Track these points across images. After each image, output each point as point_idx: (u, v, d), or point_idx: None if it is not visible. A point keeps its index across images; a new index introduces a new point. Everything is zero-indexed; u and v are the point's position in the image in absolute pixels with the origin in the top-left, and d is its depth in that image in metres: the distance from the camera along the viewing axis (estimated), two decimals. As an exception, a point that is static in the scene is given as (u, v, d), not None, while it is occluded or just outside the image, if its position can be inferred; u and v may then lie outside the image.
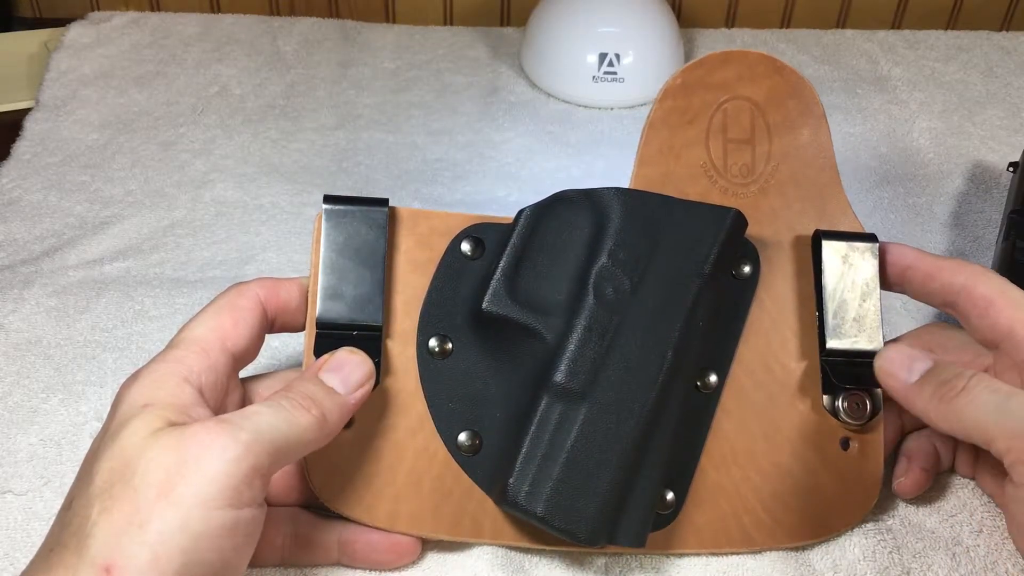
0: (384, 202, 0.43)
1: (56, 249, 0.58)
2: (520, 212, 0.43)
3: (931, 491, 0.46)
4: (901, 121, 0.73)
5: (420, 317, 0.43)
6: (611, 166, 0.68)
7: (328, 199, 0.43)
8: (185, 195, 0.63)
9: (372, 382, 0.40)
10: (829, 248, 0.46)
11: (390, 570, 0.42)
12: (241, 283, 0.41)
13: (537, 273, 0.42)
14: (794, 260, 0.46)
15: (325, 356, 0.39)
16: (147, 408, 0.35)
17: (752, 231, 0.45)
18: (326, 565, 0.42)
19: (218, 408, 0.38)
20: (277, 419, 0.35)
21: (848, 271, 0.45)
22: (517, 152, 0.69)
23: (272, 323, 0.42)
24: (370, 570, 0.42)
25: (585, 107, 0.74)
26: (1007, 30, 0.86)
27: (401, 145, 0.69)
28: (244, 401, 0.41)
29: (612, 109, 0.74)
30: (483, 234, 0.44)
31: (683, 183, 0.46)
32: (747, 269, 0.46)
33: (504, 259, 0.42)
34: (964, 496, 0.46)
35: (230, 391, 0.39)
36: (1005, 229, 0.59)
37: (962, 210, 0.65)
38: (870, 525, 0.45)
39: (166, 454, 0.33)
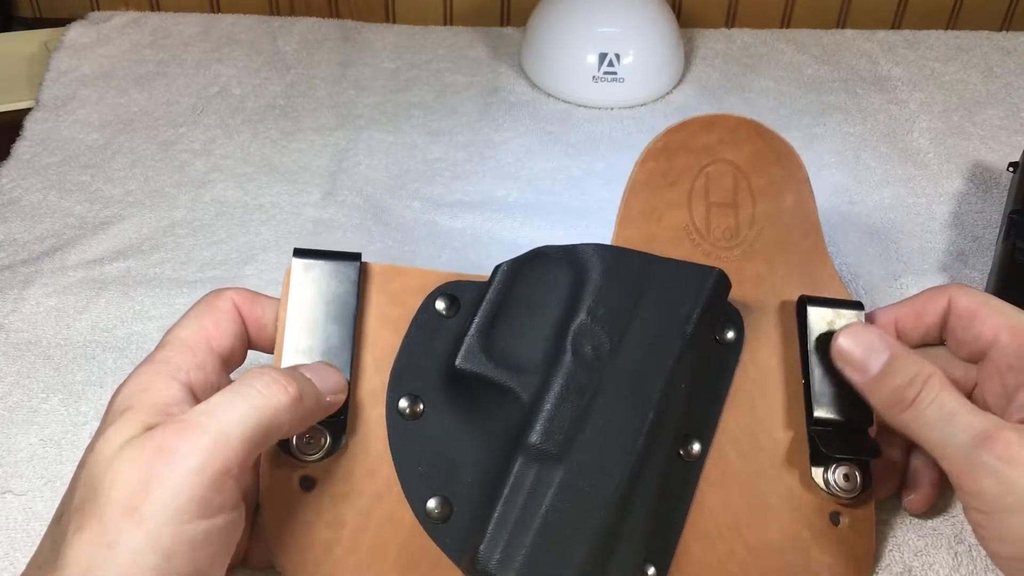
0: (356, 256, 0.42)
1: (56, 249, 0.58)
2: (497, 268, 0.42)
3: (931, 491, 0.46)
4: (901, 121, 0.73)
5: (391, 376, 0.41)
6: (611, 166, 0.68)
7: (298, 252, 0.42)
8: (185, 195, 0.63)
9: (345, 395, 0.39)
10: (815, 314, 0.44)
11: None
12: (218, 288, 0.41)
13: (513, 330, 0.41)
14: (779, 326, 0.45)
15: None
16: (127, 412, 0.34)
17: (736, 295, 0.44)
18: None
19: None
20: (245, 407, 0.34)
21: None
22: (517, 152, 0.69)
23: (246, 333, 0.41)
24: None
25: (585, 107, 0.74)
26: (1007, 30, 0.86)
27: (401, 145, 0.69)
28: None
29: (612, 109, 0.74)
30: (458, 292, 0.43)
31: (665, 245, 0.45)
32: (731, 335, 0.45)
33: (479, 315, 0.41)
34: (964, 496, 0.46)
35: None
36: (1005, 229, 0.59)
37: (962, 210, 0.65)
38: (870, 525, 0.45)
39: (129, 469, 0.32)
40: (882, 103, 0.75)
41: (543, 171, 0.67)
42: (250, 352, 0.42)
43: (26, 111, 0.70)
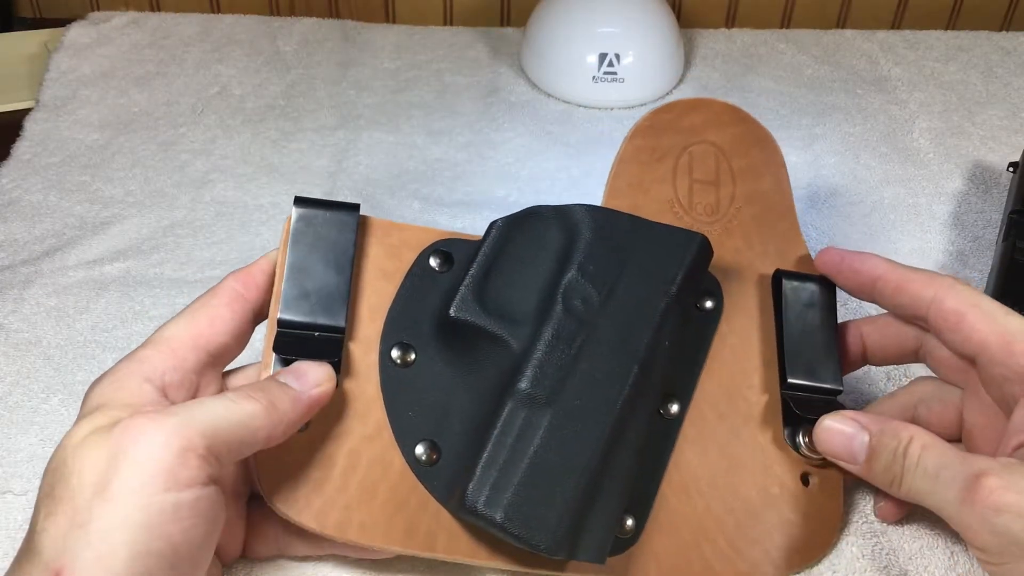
0: (355, 207, 0.43)
1: (56, 249, 0.58)
2: (492, 224, 0.43)
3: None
4: (901, 121, 0.73)
5: (384, 324, 0.42)
6: (610, 166, 0.68)
7: (299, 201, 0.42)
8: (185, 195, 0.63)
9: (331, 384, 0.39)
10: (789, 287, 0.47)
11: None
12: (216, 284, 0.41)
13: (506, 283, 0.42)
14: (756, 297, 0.47)
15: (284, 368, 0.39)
16: (99, 409, 0.35)
17: (716, 267, 0.46)
18: (320, 555, 0.42)
19: None
20: (216, 405, 0.35)
21: (807, 310, 0.46)
22: (517, 152, 0.69)
23: (261, 309, 0.41)
24: (366, 561, 0.42)
25: (585, 107, 0.74)
26: (1007, 30, 0.86)
27: (401, 145, 0.69)
28: None
29: (612, 109, 0.74)
30: (452, 249, 0.44)
31: (650, 217, 0.46)
32: (710, 304, 0.46)
33: (474, 267, 0.42)
34: (963, 496, 0.46)
35: (204, 388, 0.39)
36: (1005, 229, 0.59)
37: (962, 210, 0.65)
38: (867, 526, 0.45)
39: (97, 451, 0.33)
40: (882, 103, 0.75)
41: (543, 171, 0.67)
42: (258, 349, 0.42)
43: (26, 111, 0.70)
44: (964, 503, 0.36)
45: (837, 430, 0.41)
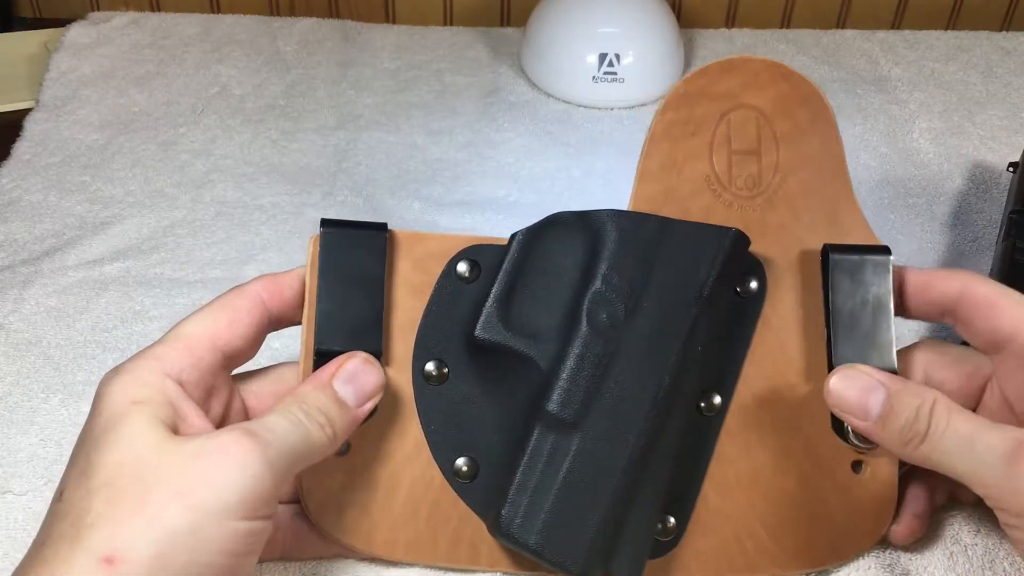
0: (383, 227, 0.42)
1: (56, 249, 0.58)
2: (513, 236, 0.42)
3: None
4: (901, 121, 0.73)
5: (416, 342, 0.42)
6: (611, 167, 0.68)
7: (326, 223, 0.41)
8: (185, 195, 0.63)
9: (382, 392, 0.39)
10: (838, 263, 0.43)
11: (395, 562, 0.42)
12: (243, 284, 0.41)
13: (531, 298, 0.42)
14: (802, 276, 0.45)
15: (339, 360, 0.39)
16: (138, 406, 0.35)
17: (758, 246, 0.44)
18: (328, 557, 0.42)
19: (201, 404, 0.38)
20: (297, 436, 0.36)
21: (858, 288, 0.43)
22: (517, 152, 0.69)
23: (279, 320, 0.41)
24: (371, 561, 0.42)
25: (585, 107, 0.74)
26: (1007, 30, 0.86)
27: (401, 145, 0.69)
28: (232, 399, 0.40)
29: (612, 109, 0.74)
30: (479, 256, 0.43)
31: (686, 198, 0.44)
32: (753, 285, 0.44)
33: (496, 285, 0.42)
34: (963, 496, 0.46)
35: (217, 388, 0.39)
36: (1005, 229, 0.59)
37: (962, 210, 0.65)
38: (869, 525, 0.45)
39: (188, 458, 0.33)
40: (882, 103, 0.75)
41: (543, 171, 0.67)
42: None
43: (26, 111, 0.70)
44: (1011, 464, 0.35)
45: (853, 380, 0.40)
